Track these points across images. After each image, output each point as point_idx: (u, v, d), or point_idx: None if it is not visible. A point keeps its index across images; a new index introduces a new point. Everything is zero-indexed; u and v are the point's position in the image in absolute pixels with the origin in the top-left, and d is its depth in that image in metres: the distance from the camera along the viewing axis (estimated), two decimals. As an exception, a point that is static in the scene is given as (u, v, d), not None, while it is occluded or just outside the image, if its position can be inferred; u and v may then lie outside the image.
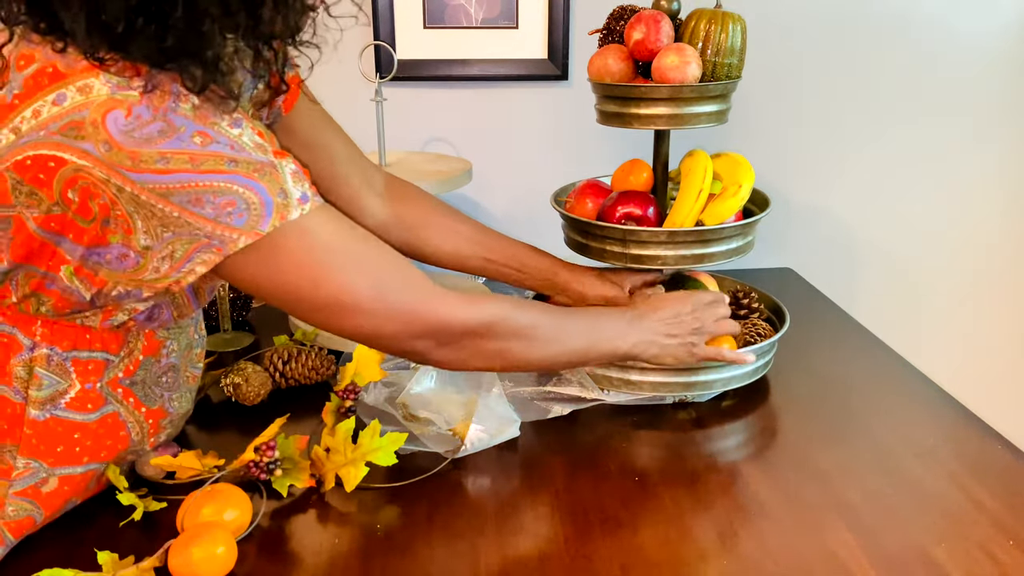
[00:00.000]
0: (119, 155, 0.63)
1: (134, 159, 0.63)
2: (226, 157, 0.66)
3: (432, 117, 1.47)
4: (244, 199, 0.67)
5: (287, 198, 0.69)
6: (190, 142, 0.64)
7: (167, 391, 0.86)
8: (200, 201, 0.65)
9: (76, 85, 0.63)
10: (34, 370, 0.75)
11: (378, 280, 0.74)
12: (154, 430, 0.85)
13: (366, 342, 0.80)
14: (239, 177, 0.66)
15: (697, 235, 1.02)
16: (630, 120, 1.03)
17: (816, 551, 0.78)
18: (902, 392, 1.10)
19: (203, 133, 0.65)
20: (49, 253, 0.69)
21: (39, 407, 0.75)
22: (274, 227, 0.68)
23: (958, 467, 0.91)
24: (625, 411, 1.04)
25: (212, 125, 0.66)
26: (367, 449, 0.87)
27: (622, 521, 0.82)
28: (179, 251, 0.67)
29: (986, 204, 1.61)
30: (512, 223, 1.52)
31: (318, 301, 0.72)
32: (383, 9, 1.38)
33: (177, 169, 0.64)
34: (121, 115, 0.62)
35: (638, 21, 1.01)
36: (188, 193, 0.65)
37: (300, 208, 0.69)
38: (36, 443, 0.76)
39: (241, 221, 0.67)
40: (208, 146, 0.65)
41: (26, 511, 0.77)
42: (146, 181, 0.64)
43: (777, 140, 1.54)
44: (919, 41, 1.50)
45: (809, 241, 1.61)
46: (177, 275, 0.69)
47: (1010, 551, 0.78)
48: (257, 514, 0.82)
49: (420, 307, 0.76)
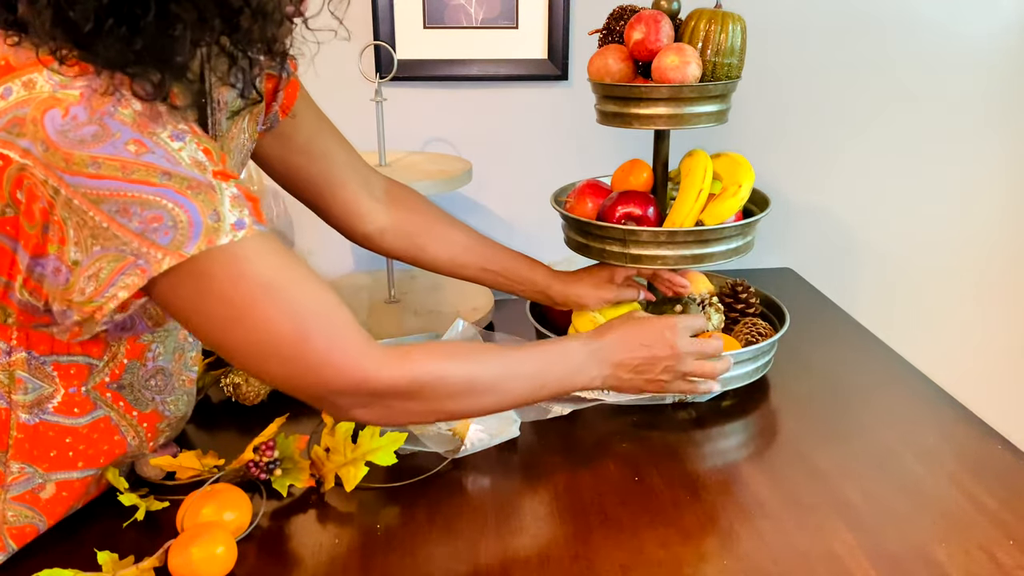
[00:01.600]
0: (55, 155, 0.61)
1: (68, 161, 0.61)
2: (159, 169, 0.62)
3: (432, 117, 1.47)
4: (172, 216, 0.63)
5: (219, 221, 0.64)
6: (124, 149, 0.61)
7: (158, 394, 0.84)
8: (127, 212, 0.62)
9: (21, 80, 0.61)
10: (15, 374, 0.74)
11: (303, 325, 0.68)
12: (151, 434, 0.84)
13: (286, 391, 0.73)
14: (170, 192, 0.63)
15: (697, 235, 1.02)
16: (630, 120, 1.03)
17: (816, 551, 0.78)
18: (902, 392, 1.10)
19: (139, 142, 0.62)
20: (9, 260, 0.66)
21: (27, 411, 0.75)
22: (200, 250, 0.63)
23: (958, 467, 0.91)
24: (625, 411, 1.04)
25: (150, 135, 0.63)
26: (367, 449, 0.87)
27: (622, 521, 0.82)
28: (104, 271, 0.63)
29: (986, 204, 1.61)
30: (512, 223, 1.52)
31: (237, 339, 0.68)
32: (383, 9, 1.38)
33: (108, 175, 0.61)
34: (59, 115, 0.60)
35: (638, 21, 1.01)
36: (116, 202, 0.62)
37: (232, 234, 0.64)
38: (28, 447, 0.75)
39: (166, 239, 0.63)
40: (142, 156, 0.62)
41: (27, 518, 0.77)
42: (78, 185, 0.61)
43: (778, 140, 1.54)
44: (920, 41, 1.50)
45: (809, 241, 1.61)
46: (100, 299, 0.65)
47: (1010, 551, 0.78)
48: (257, 514, 0.82)
49: (343, 361, 0.70)
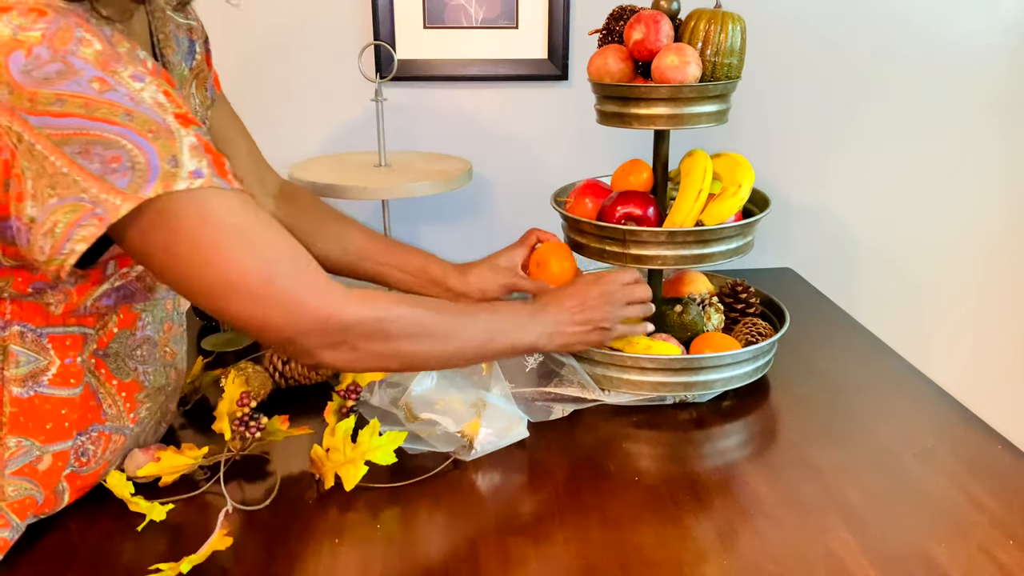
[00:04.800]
0: (19, 97, 0.62)
1: (32, 100, 0.62)
2: (122, 108, 0.64)
3: (432, 117, 1.47)
4: (131, 157, 0.64)
5: (177, 167, 0.65)
6: (88, 87, 0.63)
7: (141, 364, 0.85)
8: (88, 153, 0.63)
9: None
10: (8, 348, 0.74)
11: (270, 265, 0.71)
12: (131, 404, 0.84)
13: (253, 333, 0.75)
14: (130, 133, 0.64)
15: (697, 235, 1.02)
16: (630, 120, 1.03)
17: (816, 551, 0.78)
18: (902, 392, 1.10)
19: (102, 80, 0.64)
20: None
21: (21, 384, 0.75)
22: (158, 194, 0.64)
23: (958, 467, 0.91)
24: (626, 411, 1.04)
25: (112, 73, 0.64)
26: (366, 448, 0.87)
27: (622, 521, 0.82)
28: (60, 224, 0.64)
29: (986, 204, 1.61)
30: (512, 223, 1.51)
31: (206, 280, 0.69)
32: (383, 9, 1.38)
33: (71, 113, 0.63)
34: (21, 55, 0.62)
35: (638, 21, 1.01)
36: (79, 142, 0.63)
37: (190, 181, 0.66)
38: (24, 421, 0.75)
39: (124, 182, 0.64)
40: (105, 93, 0.64)
41: (27, 490, 0.77)
42: (43, 125, 0.62)
43: (777, 140, 1.54)
44: (919, 41, 1.50)
45: (809, 241, 1.61)
46: (60, 256, 0.65)
47: (1010, 551, 0.78)
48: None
49: (309, 299, 0.72)
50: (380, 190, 1.18)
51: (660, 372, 1.01)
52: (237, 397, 0.90)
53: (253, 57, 1.39)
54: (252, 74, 1.39)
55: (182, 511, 0.83)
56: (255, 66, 1.39)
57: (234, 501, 0.84)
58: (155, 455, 0.86)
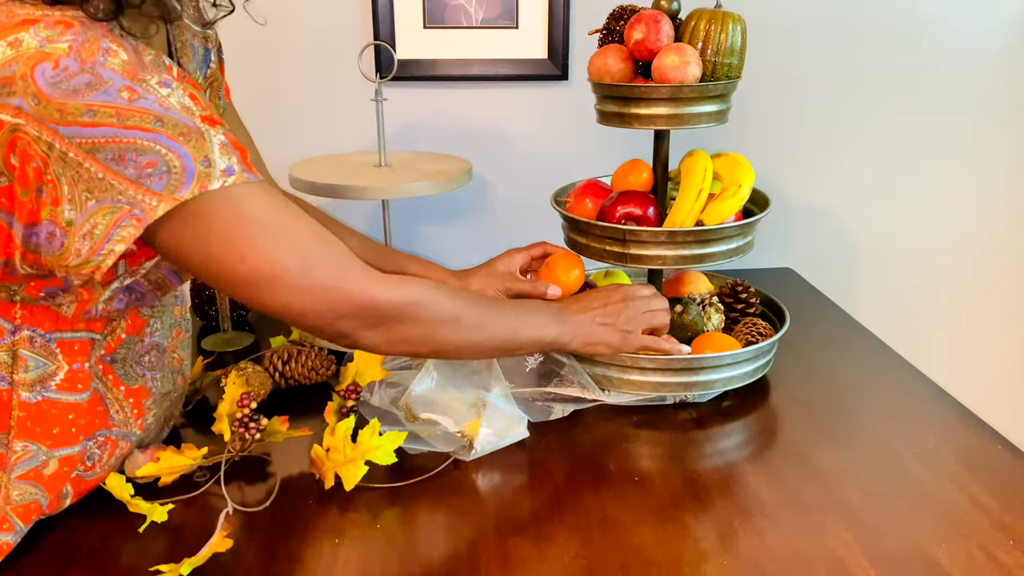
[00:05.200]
0: (48, 108, 0.62)
1: (62, 111, 0.63)
2: (152, 115, 0.65)
3: (432, 117, 1.47)
4: (166, 161, 0.65)
5: (210, 167, 0.67)
6: (117, 96, 0.64)
7: (149, 370, 0.85)
8: (123, 159, 0.64)
9: (7, 40, 0.63)
10: (18, 352, 0.74)
11: (306, 255, 0.73)
12: (138, 411, 0.85)
13: (292, 320, 0.77)
14: (163, 138, 0.65)
15: (697, 235, 1.02)
16: (630, 120, 1.03)
17: (816, 551, 0.78)
18: (902, 392, 1.10)
19: (131, 88, 0.65)
20: (5, 236, 0.68)
21: (29, 389, 0.75)
22: (194, 195, 0.66)
23: (958, 467, 0.91)
24: (626, 411, 1.04)
25: (140, 82, 0.66)
26: (366, 448, 0.87)
27: (622, 521, 0.82)
28: (100, 226, 0.66)
29: (986, 204, 1.61)
30: (512, 223, 1.52)
31: (245, 274, 0.71)
32: (383, 9, 1.38)
33: (103, 123, 0.64)
34: (49, 67, 0.62)
35: (638, 21, 1.01)
36: (112, 149, 0.64)
37: (223, 180, 0.68)
38: (31, 425, 0.76)
39: (160, 185, 0.65)
40: (135, 102, 0.65)
41: (31, 495, 0.77)
42: (73, 135, 0.63)
43: (777, 140, 1.54)
44: (919, 41, 1.50)
45: (809, 241, 1.61)
46: (97, 257, 0.67)
47: (1010, 551, 0.78)
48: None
49: (347, 285, 0.75)
50: (380, 190, 1.18)
51: (660, 372, 1.01)
52: (237, 398, 0.90)
53: (253, 57, 1.39)
54: (252, 74, 1.39)
55: (182, 512, 0.83)
56: (255, 66, 1.39)
57: (234, 502, 0.84)
58: (154, 455, 0.86)
